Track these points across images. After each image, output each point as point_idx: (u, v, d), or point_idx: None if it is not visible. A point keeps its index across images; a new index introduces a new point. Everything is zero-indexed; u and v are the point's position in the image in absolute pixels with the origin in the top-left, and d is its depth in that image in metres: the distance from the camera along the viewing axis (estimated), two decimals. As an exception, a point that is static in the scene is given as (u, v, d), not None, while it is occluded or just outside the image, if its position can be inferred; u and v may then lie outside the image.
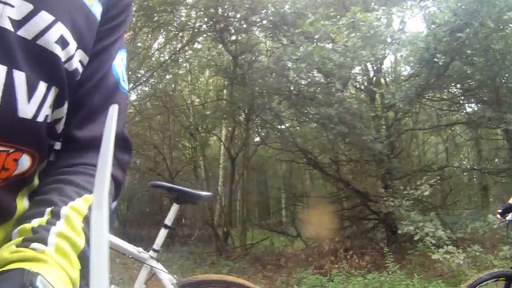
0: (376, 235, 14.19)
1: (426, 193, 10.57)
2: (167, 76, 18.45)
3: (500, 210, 4.44)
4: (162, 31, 15.81)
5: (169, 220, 3.97)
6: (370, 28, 10.37)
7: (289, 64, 13.13)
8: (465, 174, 18.34)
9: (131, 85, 16.32)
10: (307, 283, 9.66)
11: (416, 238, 9.56)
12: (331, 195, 15.79)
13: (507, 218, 4.30)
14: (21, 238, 0.84)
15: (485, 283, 4.02)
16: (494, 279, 4.07)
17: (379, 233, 14.24)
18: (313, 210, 16.73)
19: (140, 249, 3.86)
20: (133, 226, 24.89)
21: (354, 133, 11.57)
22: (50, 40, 0.94)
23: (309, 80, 13.27)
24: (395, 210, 10.61)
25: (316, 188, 21.34)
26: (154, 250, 3.88)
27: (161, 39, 16.89)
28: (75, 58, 1.02)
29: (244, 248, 15.68)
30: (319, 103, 11.89)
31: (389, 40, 11.92)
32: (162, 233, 3.94)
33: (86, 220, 0.93)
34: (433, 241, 9.22)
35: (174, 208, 3.96)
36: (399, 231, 10.40)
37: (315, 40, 11.28)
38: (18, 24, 0.90)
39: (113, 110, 0.75)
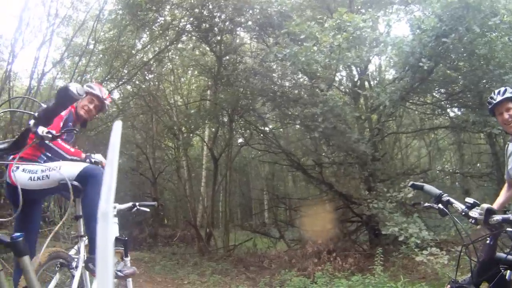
0: (359, 238, 14.22)
1: (410, 195, 10.57)
2: (150, 76, 18.37)
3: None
4: (146, 30, 15.70)
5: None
6: (356, 29, 10.36)
7: (274, 66, 13.11)
8: (447, 177, 18.44)
9: (114, 83, 16.22)
10: (291, 285, 9.61)
11: (400, 239, 9.55)
12: (314, 197, 15.78)
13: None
14: None
15: None
16: None
17: (361, 236, 14.27)
18: (296, 212, 16.76)
19: None
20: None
21: (338, 133, 11.56)
22: None
23: (293, 82, 13.26)
24: (379, 212, 10.62)
25: (299, 190, 21.39)
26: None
27: (145, 38, 16.77)
28: None
29: (227, 249, 15.62)
30: (304, 104, 11.87)
31: (374, 42, 11.93)
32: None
33: None
34: (418, 241, 9.22)
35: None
36: (383, 232, 10.38)
37: (300, 42, 11.24)
38: None
39: (117, 125, 0.74)
